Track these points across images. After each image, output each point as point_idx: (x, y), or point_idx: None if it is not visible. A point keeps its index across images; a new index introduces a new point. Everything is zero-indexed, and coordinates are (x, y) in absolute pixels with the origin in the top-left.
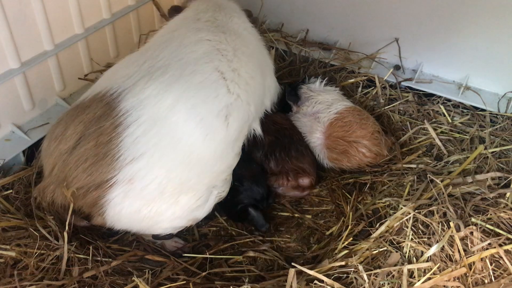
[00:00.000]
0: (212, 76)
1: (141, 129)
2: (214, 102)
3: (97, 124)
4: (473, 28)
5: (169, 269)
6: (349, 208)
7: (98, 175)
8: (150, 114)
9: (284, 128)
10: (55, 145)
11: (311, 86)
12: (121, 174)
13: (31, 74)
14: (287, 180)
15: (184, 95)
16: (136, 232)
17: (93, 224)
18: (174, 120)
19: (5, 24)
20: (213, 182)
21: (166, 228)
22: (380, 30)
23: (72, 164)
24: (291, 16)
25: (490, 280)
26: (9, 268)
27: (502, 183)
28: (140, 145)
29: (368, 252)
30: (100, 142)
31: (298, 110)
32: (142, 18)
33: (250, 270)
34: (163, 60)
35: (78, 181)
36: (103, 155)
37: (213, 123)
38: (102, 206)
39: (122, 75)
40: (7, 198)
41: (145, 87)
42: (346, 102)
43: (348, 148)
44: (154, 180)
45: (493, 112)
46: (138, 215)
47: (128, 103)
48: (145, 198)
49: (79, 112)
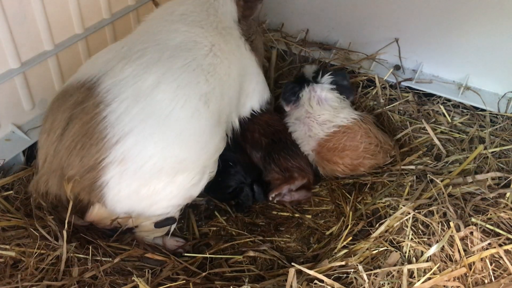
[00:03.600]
0: (191, 64)
1: (124, 106)
2: (196, 88)
3: (81, 107)
4: (473, 28)
5: (169, 269)
6: (349, 208)
7: (90, 158)
8: (131, 91)
9: (279, 130)
10: (45, 137)
11: (314, 88)
12: (112, 154)
13: (31, 74)
14: (291, 178)
15: (165, 77)
16: (137, 219)
17: (92, 221)
18: (159, 98)
19: (5, 24)
20: (206, 162)
21: (166, 208)
22: (380, 30)
23: (63, 150)
24: (291, 16)
25: (490, 280)
26: (9, 268)
27: (502, 183)
28: (125, 123)
29: (368, 252)
30: (85, 122)
31: (292, 111)
32: (142, 18)
33: (250, 270)
34: (141, 44)
35: (72, 167)
36: (90, 135)
37: (197, 105)
38: (100, 189)
39: (101, 62)
40: (7, 198)
41: (123, 68)
42: (338, 120)
43: (337, 168)
44: (149, 160)
45: (493, 112)
46: (137, 196)
47: (108, 83)
48: (142, 178)
49: (63, 101)
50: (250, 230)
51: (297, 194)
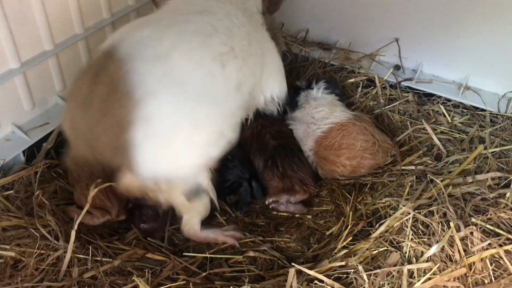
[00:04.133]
0: (206, 27)
1: (145, 67)
2: (208, 48)
3: (103, 70)
4: (473, 28)
5: (169, 268)
6: (349, 208)
7: (116, 116)
8: (151, 53)
9: (289, 136)
10: (70, 104)
11: (309, 92)
12: (137, 112)
13: (31, 74)
14: (292, 190)
15: (180, 39)
16: (166, 189)
17: (124, 191)
18: (175, 59)
19: (5, 24)
20: (221, 125)
21: (187, 167)
22: (380, 30)
23: (90, 112)
24: (291, 16)
25: (490, 280)
26: (9, 268)
27: (502, 183)
28: (148, 83)
29: (368, 252)
30: (109, 82)
31: (292, 115)
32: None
33: (250, 270)
34: (157, 14)
35: (101, 125)
36: (115, 94)
37: (211, 66)
38: (127, 149)
39: (121, 32)
40: (7, 198)
41: (141, 31)
42: (332, 117)
43: (335, 168)
44: (169, 118)
45: (493, 112)
46: (162, 157)
47: (127, 45)
48: (164, 136)
49: (85, 72)
50: (250, 230)
51: (293, 207)
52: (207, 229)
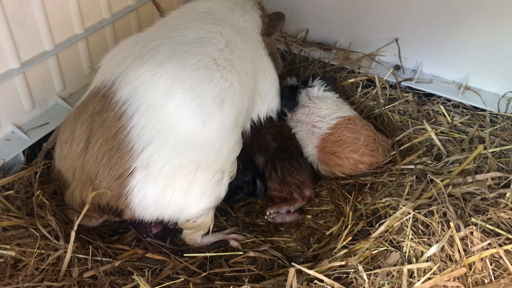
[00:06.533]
0: (205, 60)
1: (144, 120)
2: (210, 86)
3: (100, 118)
4: (473, 28)
5: (169, 268)
6: (349, 208)
7: (118, 168)
8: (148, 102)
9: (289, 138)
10: (67, 149)
11: (309, 91)
12: (137, 161)
13: (31, 74)
14: (291, 200)
15: (179, 75)
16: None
17: (122, 219)
18: (171, 108)
19: (5, 24)
20: (222, 165)
21: (197, 211)
22: (380, 30)
23: (91, 163)
24: (291, 16)
25: (490, 280)
26: (9, 268)
27: (502, 183)
28: (147, 134)
29: (368, 252)
30: (109, 136)
31: (293, 116)
32: (142, 18)
33: (250, 270)
34: (154, 41)
35: (102, 178)
36: (117, 148)
37: (211, 109)
38: (127, 195)
39: (114, 63)
40: (7, 198)
41: (137, 71)
42: (341, 112)
43: (340, 162)
44: (168, 162)
45: (493, 112)
46: (164, 198)
47: (124, 92)
48: (165, 179)
49: (80, 112)
50: (250, 230)
51: (289, 217)
52: (208, 235)
